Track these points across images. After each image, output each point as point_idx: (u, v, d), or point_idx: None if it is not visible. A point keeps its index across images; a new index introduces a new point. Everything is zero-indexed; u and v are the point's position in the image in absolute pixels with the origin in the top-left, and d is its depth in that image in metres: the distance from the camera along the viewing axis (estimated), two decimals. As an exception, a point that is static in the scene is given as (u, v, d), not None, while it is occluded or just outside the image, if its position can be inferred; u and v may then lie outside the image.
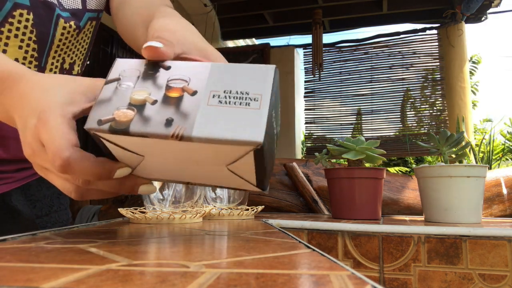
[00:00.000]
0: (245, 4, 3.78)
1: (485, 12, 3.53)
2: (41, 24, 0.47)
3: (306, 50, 4.12)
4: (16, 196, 0.56)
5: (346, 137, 1.16)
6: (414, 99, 3.75)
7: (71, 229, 0.44)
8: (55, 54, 0.50)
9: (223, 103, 0.28)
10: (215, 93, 0.29)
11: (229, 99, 0.29)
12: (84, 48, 0.56)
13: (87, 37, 0.55)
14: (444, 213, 0.85)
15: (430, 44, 3.75)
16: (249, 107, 0.28)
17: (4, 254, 0.25)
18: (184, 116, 0.28)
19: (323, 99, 4.09)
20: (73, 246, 0.29)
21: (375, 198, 0.91)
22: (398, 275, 0.72)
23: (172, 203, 0.64)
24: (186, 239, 0.37)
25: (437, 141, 0.93)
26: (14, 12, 0.45)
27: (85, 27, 0.53)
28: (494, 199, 1.31)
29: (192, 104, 0.29)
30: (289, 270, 0.21)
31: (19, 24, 0.45)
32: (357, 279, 0.19)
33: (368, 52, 3.94)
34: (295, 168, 1.43)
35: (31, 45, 0.47)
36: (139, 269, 0.20)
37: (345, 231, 0.75)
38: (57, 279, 0.18)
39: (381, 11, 3.75)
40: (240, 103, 0.28)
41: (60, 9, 0.49)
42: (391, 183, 1.44)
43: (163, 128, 0.28)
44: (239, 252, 0.27)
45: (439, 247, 0.71)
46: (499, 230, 0.69)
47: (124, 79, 0.31)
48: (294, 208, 1.41)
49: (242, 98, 0.29)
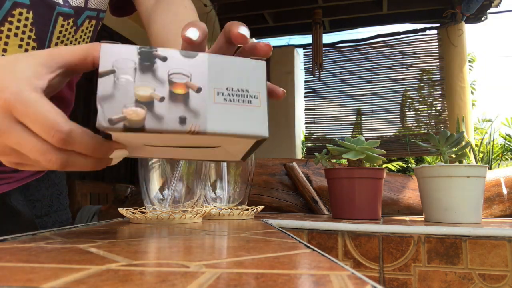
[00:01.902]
0: (245, 4, 3.78)
1: (485, 12, 3.53)
2: (40, 23, 0.47)
3: (306, 50, 4.12)
4: (15, 196, 0.56)
5: (346, 137, 1.16)
6: (412, 99, 3.75)
7: (71, 229, 0.44)
8: None
9: (228, 101, 0.31)
10: (219, 91, 0.31)
11: (232, 97, 0.31)
12: None
13: (87, 36, 0.55)
14: (444, 213, 0.85)
15: (430, 44, 3.75)
16: (251, 105, 0.32)
17: (4, 254, 0.25)
18: (195, 114, 0.30)
19: (323, 99, 4.09)
20: (73, 246, 0.29)
21: (375, 198, 0.91)
22: (398, 275, 0.72)
23: (172, 203, 0.64)
24: (186, 239, 0.37)
25: (437, 141, 0.93)
26: (14, 11, 0.45)
27: (83, 25, 0.53)
28: (494, 199, 1.31)
29: (199, 102, 0.30)
30: (289, 270, 0.21)
31: (19, 23, 0.45)
32: (357, 279, 0.19)
33: (368, 52, 3.94)
34: (295, 168, 1.43)
35: (30, 44, 0.47)
36: (139, 269, 0.20)
37: (345, 231, 0.75)
38: (57, 279, 0.18)
39: (381, 11, 3.75)
40: (243, 101, 0.31)
41: (63, 6, 0.49)
42: (391, 183, 1.44)
43: (179, 125, 0.30)
44: (239, 252, 0.27)
45: (439, 247, 0.71)
46: (499, 230, 0.69)
47: (119, 71, 0.30)
48: (294, 208, 1.41)
49: (243, 95, 0.32)
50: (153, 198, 0.64)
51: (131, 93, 0.29)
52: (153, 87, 0.30)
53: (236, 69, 0.32)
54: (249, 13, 3.92)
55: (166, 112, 0.30)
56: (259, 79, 0.32)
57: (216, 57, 0.32)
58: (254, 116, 0.31)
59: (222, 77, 0.31)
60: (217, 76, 0.31)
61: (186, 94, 0.30)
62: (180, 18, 0.56)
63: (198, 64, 0.31)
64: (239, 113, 0.31)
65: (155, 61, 0.31)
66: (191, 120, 0.30)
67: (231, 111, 0.31)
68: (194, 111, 0.30)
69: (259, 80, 0.32)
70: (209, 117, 0.30)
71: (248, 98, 0.32)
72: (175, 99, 0.30)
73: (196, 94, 0.30)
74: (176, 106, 0.30)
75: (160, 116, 0.29)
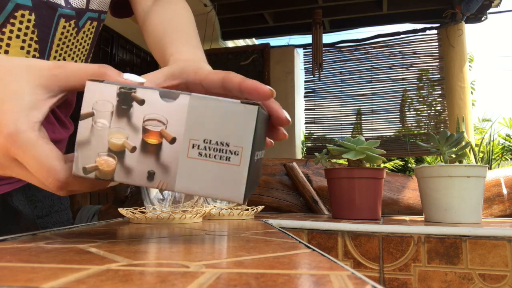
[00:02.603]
0: (245, 4, 3.78)
1: (485, 12, 3.53)
2: (42, 25, 0.47)
3: (306, 50, 4.12)
4: (17, 197, 0.56)
5: (346, 137, 1.17)
6: (412, 99, 3.75)
7: (71, 229, 0.44)
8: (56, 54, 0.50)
9: (203, 156, 0.28)
10: (194, 143, 0.28)
11: (209, 151, 0.28)
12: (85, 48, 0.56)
13: (88, 38, 0.55)
14: (444, 213, 0.85)
15: (430, 44, 3.75)
16: (230, 163, 0.28)
17: (4, 254, 0.25)
18: (165, 169, 0.29)
19: (323, 99, 4.08)
20: (73, 246, 0.29)
21: (375, 198, 0.91)
22: (398, 275, 0.72)
23: (172, 203, 0.64)
24: (186, 239, 0.37)
25: (437, 141, 0.93)
26: (16, 13, 0.45)
27: (85, 27, 0.53)
28: (494, 199, 1.31)
29: (172, 155, 0.28)
30: (289, 270, 0.21)
31: (21, 25, 0.45)
32: (357, 279, 0.19)
33: (368, 52, 3.94)
34: (295, 168, 1.43)
35: (32, 46, 0.47)
36: (139, 269, 0.20)
37: (345, 231, 0.75)
38: (57, 279, 0.18)
39: (381, 11, 3.75)
40: (220, 157, 0.28)
41: (65, 8, 0.49)
42: (391, 183, 1.44)
43: (146, 181, 0.29)
44: (239, 252, 0.27)
45: (439, 247, 0.71)
46: (499, 230, 0.69)
47: (98, 114, 0.30)
48: (294, 208, 1.41)
49: (222, 150, 0.28)
50: (153, 198, 0.64)
51: (105, 140, 0.29)
52: (126, 134, 0.29)
53: (219, 115, 0.28)
54: (249, 13, 3.92)
55: (136, 164, 0.29)
56: (245, 130, 0.28)
57: (199, 100, 0.29)
58: (230, 177, 0.28)
59: (201, 125, 0.28)
60: (196, 123, 0.28)
61: (159, 144, 0.29)
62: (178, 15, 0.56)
63: (177, 109, 0.29)
64: (214, 172, 0.28)
65: (132, 104, 0.29)
66: (159, 176, 0.29)
67: (205, 168, 0.28)
68: (164, 165, 0.29)
69: (245, 131, 0.28)
70: (180, 174, 0.28)
71: (227, 154, 0.28)
72: (147, 151, 0.29)
73: (170, 145, 0.29)
74: (146, 158, 0.29)
75: (129, 169, 0.29)
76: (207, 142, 0.28)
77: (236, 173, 0.28)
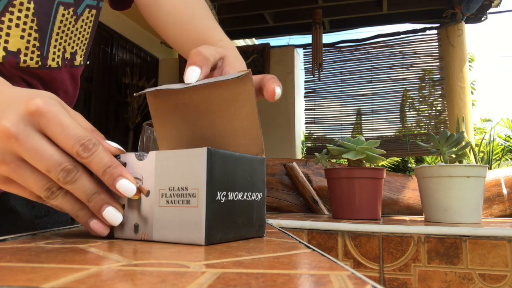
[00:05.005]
0: (245, 4, 3.78)
1: (485, 12, 3.53)
2: (41, 13, 0.47)
3: (306, 50, 4.12)
4: (14, 197, 0.56)
5: (346, 137, 1.17)
6: (412, 99, 3.75)
7: (71, 229, 0.44)
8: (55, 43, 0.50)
9: (169, 203, 0.30)
10: (162, 192, 0.31)
11: (173, 198, 0.30)
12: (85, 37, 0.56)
13: (87, 26, 0.55)
14: (444, 213, 0.85)
15: (430, 44, 3.75)
16: (189, 206, 0.29)
17: (4, 254, 0.25)
18: (145, 220, 0.32)
19: (323, 99, 4.09)
20: (73, 246, 0.29)
21: (375, 198, 0.91)
22: (398, 275, 0.72)
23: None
24: (186, 239, 0.36)
25: (437, 141, 0.93)
26: (14, 1, 0.44)
27: (83, 15, 0.53)
28: (494, 199, 1.31)
29: (148, 206, 0.31)
30: (289, 270, 0.21)
31: (20, 13, 0.45)
32: (357, 279, 0.19)
33: (368, 52, 3.95)
34: (295, 168, 1.43)
35: (32, 35, 0.47)
36: (139, 269, 0.20)
37: (345, 231, 0.75)
38: (57, 279, 0.18)
39: (381, 11, 3.75)
40: (182, 201, 0.30)
41: None
42: (391, 183, 1.44)
43: (133, 234, 0.32)
44: (239, 252, 0.27)
45: (439, 247, 0.71)
46: (499, 230, 0.69)
47: None
48: (294, 208, 1.41)
49: (183, 195, 0.30)
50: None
51: None
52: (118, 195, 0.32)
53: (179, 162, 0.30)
54: (249, 13, 3.93)
55: (126, 219, 0.32)
56: (197, 170, 0.29)
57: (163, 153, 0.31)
58: (190, 220, 0.29)
59: (166, 175, 0.31)
60: (162, 174, 0.31)
61: (139, 199, 0.32)
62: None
63: (148, 164, 0.32)
64: (179, 217, 0.30)
65: None
66: (142, 227, 0.32)
67: (172, 214, 0.30)
68: (144, 217, 0.32)
69: (198, 172, 0.29)
70: (155, 224, 0.31)
71: (186, 198, 0.30)
72: (132, 206, 0.32)
73: (146, 198, 0.32)
74: (132, 213, 0.32)
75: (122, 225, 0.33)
76: (171, 189, 0.30)
77: (196, 215, 0.29)
